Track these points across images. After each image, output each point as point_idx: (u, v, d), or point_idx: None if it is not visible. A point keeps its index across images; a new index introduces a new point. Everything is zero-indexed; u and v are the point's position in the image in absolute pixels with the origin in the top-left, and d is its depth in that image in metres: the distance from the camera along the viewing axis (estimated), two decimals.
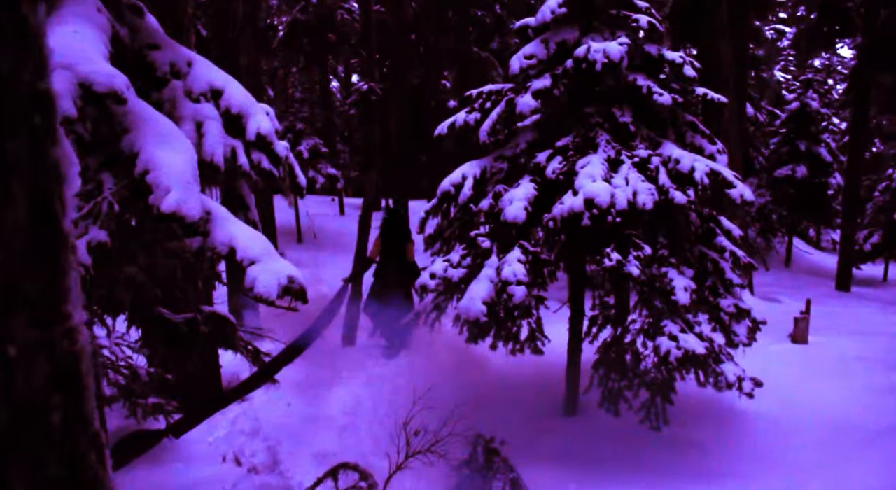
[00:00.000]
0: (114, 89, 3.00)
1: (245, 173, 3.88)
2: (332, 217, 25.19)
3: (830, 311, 16.79)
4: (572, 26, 7.16)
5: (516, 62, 6.99)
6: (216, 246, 3.37)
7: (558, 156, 6.78)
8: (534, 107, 6.75)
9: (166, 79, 3.79)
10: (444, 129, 7.50)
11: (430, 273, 6.77)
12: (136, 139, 3.21)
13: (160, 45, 3.81)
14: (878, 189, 24.80)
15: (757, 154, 26.54)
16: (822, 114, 25.17)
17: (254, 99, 4.06)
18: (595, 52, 6.51)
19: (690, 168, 6.55)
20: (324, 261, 19.42)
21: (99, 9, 3.42)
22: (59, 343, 1.11)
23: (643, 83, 6.76)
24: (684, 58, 6.97)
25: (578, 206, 6.20)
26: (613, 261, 6.17)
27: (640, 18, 6.93)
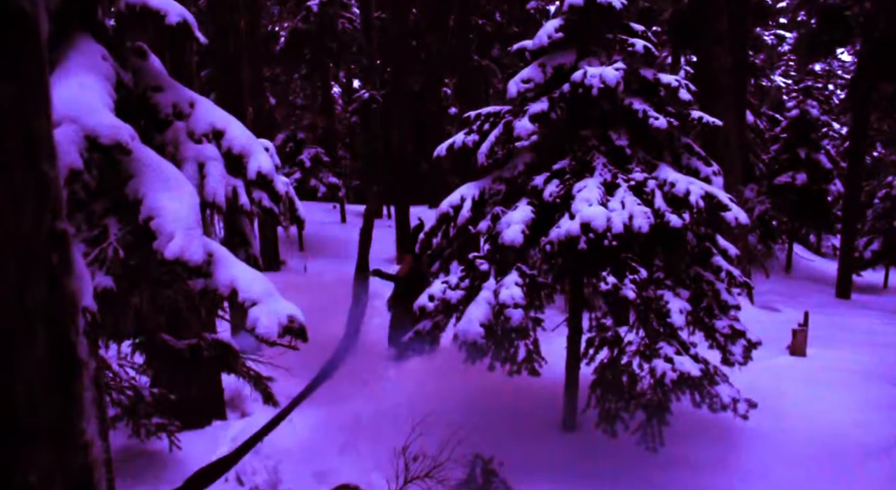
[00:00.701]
0: (118, 141, 3.10)
1: (246, 212, 3.99)
2: (333, 224, 25.31)
3: (830, 320, 16.85)
4: (569, 50, 7.26)
5: (514, 86, 7.09)
6: (218, 287, 3.47)
7: (555, 179, 6.87)
8: (531, 130, 6.85)
9: (169, 120, 3.89)
10: (442, 151, 7.60)
11: (429, 295, 6.87)
12: (141, 185, 3.31)
13: (163, 86, 3.92)
14: (878, 196, 24.86)
15: (757, 160, 26.60)
16: (822, 121, 25.23)
17: (254, 137, 4.16)
18: (591, 77, 6.61)
19: (686, 191, 6.64)
20: (326, 277, 19.52)
21: (104, 56, 3.52)
22: (74, 460, 1.21)
23: (639, 107, 6.85)
24: (679, 81, 7.06)
25: (575, 230, 6.29)
26: (609, 285, 6.26)
27: (635, 43, 7.02)
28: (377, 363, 10.25)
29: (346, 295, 14.75)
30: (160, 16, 3.76)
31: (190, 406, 7.28)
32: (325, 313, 17.05)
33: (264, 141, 4.56)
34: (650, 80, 6.98)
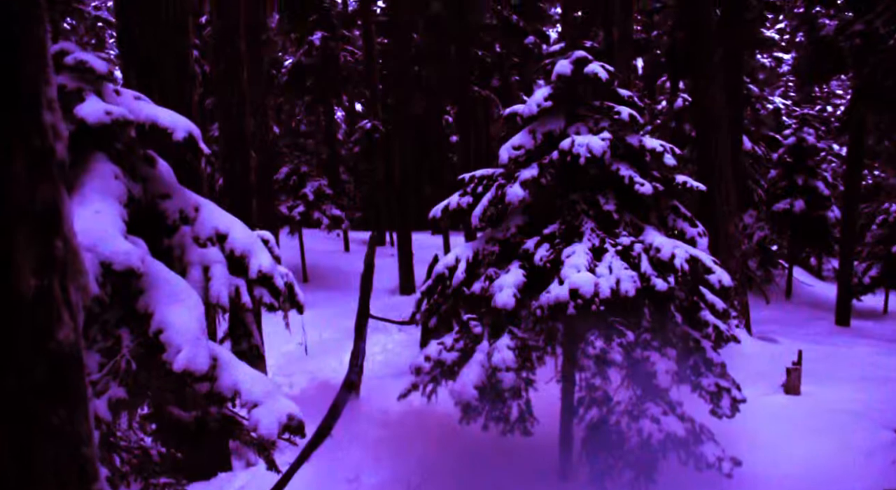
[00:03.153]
0: (130, 266, 3.39)
1: (248, 309, 4.28)
2: (337, 254, 25.61)
3: (828, 352, 17.02)
4: (558, 117, 7.56)
5: (505, 153, 7.39)
6: (223, 391, 3.74)
7: (546, 243, 7.16)
8: (522, 197, 7.14)
9: (176, 226, 4.18)
10: (437, 213, 7.90)
11: (425, 356, 7.14)
12: (150, 300, 3.60)
13: (170, 193, 4.21)
14: (875, 222, 25.08)
15: (756, 186, 26.86)
16: (819, 148, 25.52)
17: (256, 237, 4.45)
18: (579, 146, 6.90)
19: (671, 255, 6.91)
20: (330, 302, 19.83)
21: (116, 175, 3.82)
22: None
23: (625, 173, 7.14)
24: (664, 146, 7.36)
25: (564, 296, 6.56)
26: (597, 349, 6.52)
27: (621, 110, 7.32)
28: (378, 411, 10.48)
29: (348, 332, 15.00)
30: (168, 133, 4.07)
31: (196, 460, 7.54)
32: (329, 348, 17.28)
33: (265, 233, 4.85)
34: (636, 146, 7.27)
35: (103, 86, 4.00)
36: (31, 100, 1.29)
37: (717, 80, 17.55)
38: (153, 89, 7.85)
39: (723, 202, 17.52)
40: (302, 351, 16.62)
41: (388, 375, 14.22)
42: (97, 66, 3.91)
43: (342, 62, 23.74)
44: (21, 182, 1.24)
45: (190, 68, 8.12)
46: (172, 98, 7.90)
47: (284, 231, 22.19)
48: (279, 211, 21.13)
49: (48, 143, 1.32)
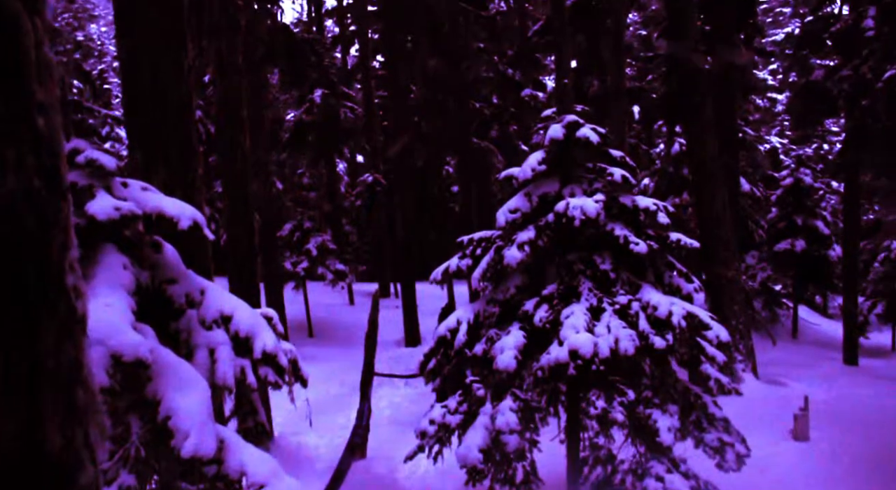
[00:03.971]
0: (139, 358, 3.54)
1: (253, 389, 4.40)
2: (341, 307, 25.71)
3: (838, 394, 16.94)
4: (552, 179, 7.77)
5: (502, 217, 7.58)
6: (229, 473, 3.85)
7: (545, 304, 7.29)
8: (520, 259, 7.30)
9: (182, 310, 4.34)
10: (437, 275, 8.06)
11: (430, 419, 7.21)
12: (159, 387, 3.73)
13: (176, 278, 4.38)
14: (877, 260, 25.16)
15: (756, 227, 27.03)
16: (816, 188, 25.78)
17: (260, 317, 4.61)
18: (573, 209, 7.09)
19: (668, 313, 7.03)
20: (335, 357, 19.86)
21: (125, 265, 4.00)
22: None
23: (620, 233, 7.31)
24: (657, 205, 7.53)
25: (563, 357, 6.66)
26: (599, 409, 6.59)
27: (614, 172, 7.53)
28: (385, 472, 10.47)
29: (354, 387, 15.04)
30: (174, 222, 4.26)
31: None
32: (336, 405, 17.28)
33: (268, 310, 5.01)
34: (629, 206, 7.45)
35: (112, 181, 4.21)
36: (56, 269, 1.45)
37: (710, 128, 17.86)
38: (159, 162, 8.12)
39: (722, 247, 17.66)
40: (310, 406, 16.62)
41: (396, 431, 14.20)
42: (106, 163, 4.13)
43: (342, 118, 24.23)
44: (49, 347, 1.40)
45: (193, 142, 8.39)
46: (177, 171, 8.16)
47: (289, 286, 22.35)
48: (283, 267, 21.32)
49: (72, 306, 1.48)
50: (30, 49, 1.40)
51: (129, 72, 8.55)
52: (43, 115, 1.45)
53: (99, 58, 41.22)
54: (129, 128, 8.57)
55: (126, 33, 8.55)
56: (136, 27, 8.44)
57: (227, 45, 12.24)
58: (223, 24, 11.93)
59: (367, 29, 30.30)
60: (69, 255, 1.52)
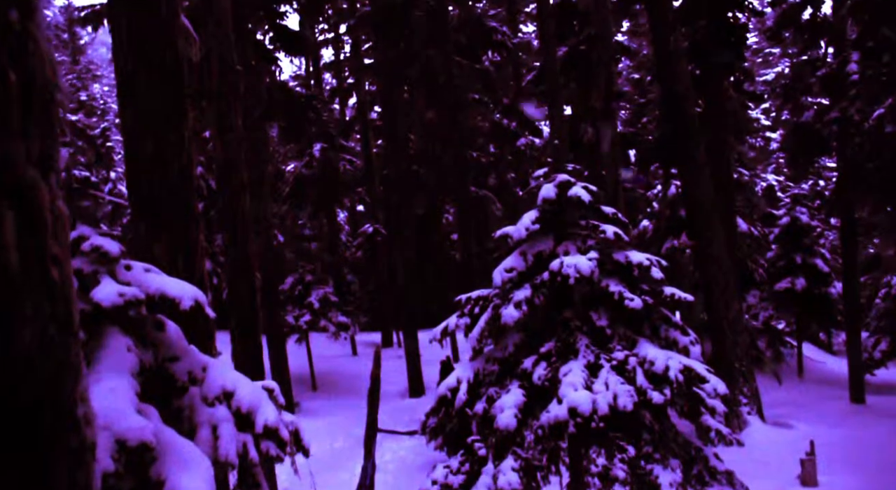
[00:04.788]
0: (144, 441, 3.64)
1: (256, 465, 4.48)
2: (344, 358, 25.70)
3: (845, 435, 16.83)
4: (546, 237, 7.93)
5: (498, 276, 7.72)
6: None
7: (543, 361, 7.38)
8: (517, 317, 7.42)
9: (185, 387, 4.46)
10: (437, 334, 8.15)
11: (432, 479, 7.23)
12: (162, 467, 3.83)
13: (179, 356, 4.51)
14: (879, 296, 25.19)
15: (756, 267, 27.12)
16: (813, 226, 25.96)
17: (261, 390, 4.71)
18: (567, 267, 7.22)
19: (665, 367, 7.11)
20: None
21: (129, 347, 4.13)
22: None
23: (615, 289, 7.43)
24: (651, 260, 7.68)
25: (563, 415, 6.73)
26: (599, 466, 6.62)
27: (606, 229, 7.69)
28: None
29: (359, 440, 14.97)
30: (176, 303, 4.40)
31: None
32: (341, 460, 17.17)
33: (269, 383, 5.11)
34: (623, 262, 7.59)
35: (116, 266, 4.36)
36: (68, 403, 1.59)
37: (705, 171, 18.12)
38: (161, 231, 8.30)
39: (721, 290, 17.76)
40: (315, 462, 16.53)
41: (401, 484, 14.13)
42: (110, 249, 4.29)
43: (342, 171, 24.63)
44: (61, 478, 1.52)
45: (194, 209, 8.58)
46: (179, 240, 8.33)
47: (292, 339, 22.40)
48: (286, 321, 21.40)
49: (83, 436, 1.61)
50: (46, 211, 1.55)
51: (131, 142, 8.78)
52: (57, 266, 1.59)
53: (101, 116, 41.92)
54: (132, 196, 8.77)
55: (128, 105, 8.81)
56: (139, 99, 8.70)
57: (227, 108, 12.55)
58: (223, 89, 12.26)
59: (365, 81, 30.95)
60: (79, 388, 1.65)
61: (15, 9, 1.46)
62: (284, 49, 21.61)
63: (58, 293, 1.57)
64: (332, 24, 31.26)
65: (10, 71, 1.49)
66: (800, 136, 21.66)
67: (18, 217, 1.49)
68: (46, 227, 1.55)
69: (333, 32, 33.02)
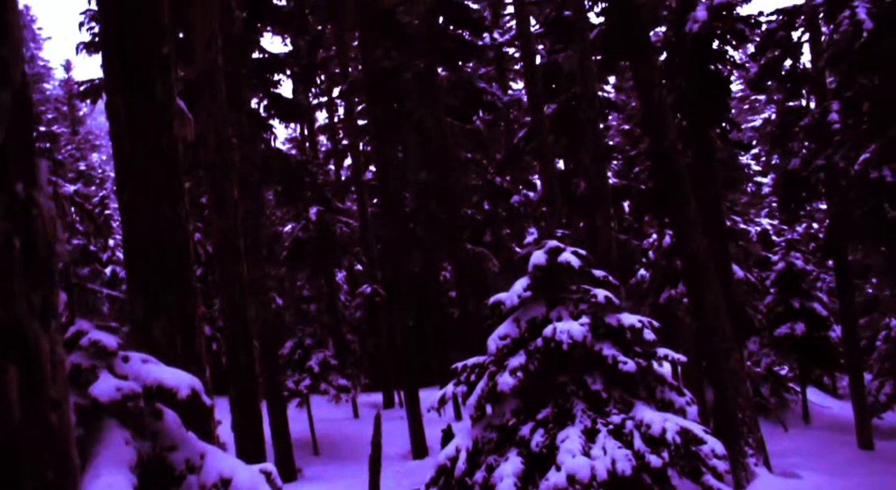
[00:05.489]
0: None
1: None
2: (346, 421, 25.48)
3: (855, 484, 16.62)
4: (539, 303, 8.05)
5: (493, 344, 7.82)
6: None
7: (540, 428, 7.41)
8: (513, 384, 7.48)
9: (183, 476, 4.51)
10: (435, 404, 8.19)
11: None
12: None
13: (177, 445, 4.58)
14: (879, 338, 25.19)
15: (754, 313, 27.15)
16: (808, 271, 26.11)
17: (259, 475, 4.76)
18: (560, 333, 7.32)
19: (662, 430, 7.14)
20: None
21: (126, 440, 4.20)
22: None
23: (608, 353, 7.52)
24: (643, 322, 7.78)
25: (562, 482, 6.74)
26: None
27: (597, 293, 7.82)
28: None
29: None
30: (173, 392, 4.49)
31: None
32: None
33: (267, 466, 5.16)
34: (615, 325, 7.69)
35: (113, 360, 4.47)
36: None
37: (696, 222, 18.31)
38: (159, 310, 8.41)
39: (720, 339, 17.76)
40: None
41: None
42: (108, 343, 4.40)
43: (338, 234, 24.88)
44: None
45: (192, 286, 8.70)
46: (177, 318, 8.43)
47: (293, 403, 22.26)
48: (286, 385, 21.32)
49: None
50: (46, 361, 1.68)
51: (129, 223, 8.95)
52: (56, 410, 1.72)
53: (100, 184, 42.48)
54: (129, 275, 8.90)
55: (126, 186, 9.01)
56: (136, 180, 8.91)
57: (223, 180, 12.80)
58: (218, 161, 12.54)
59: (359, 142, 31.49)
60: None
61: (21, 181, 1.62)
62: (279, 116, 22.10)
63: (56, 438, 1.69)
64: (326, 88, 31.97)
65: (15, 237, 1.64)
66: (789, 182, 21.98)
67: (21, 371, 1.62)
68: (47, 376, 1.68)
69: (327, 96, 33.75)
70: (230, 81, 16.22)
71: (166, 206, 8.75)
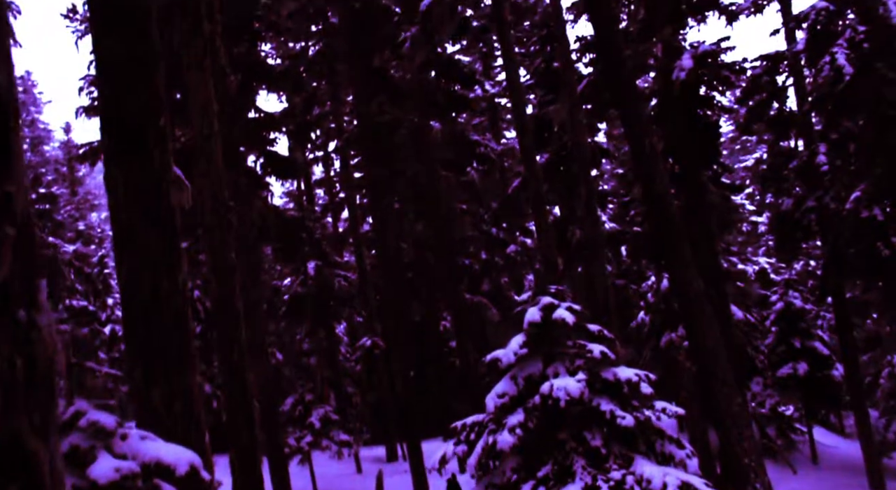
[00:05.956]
0: None
1: None
2: (348, 476, 25.15)
3: None
4: (535, 359, 8.10)
5: (491, 402, 7.85)
6: None
7: (541, 486, 7.38)
8: (512, 443, 7.49)
9: None
10: (435, 464, 8.18)
11: None
12: None
13: None
14: (882, 376, 25.07)
15: (756, 354, 27.06)
16: (807, 310, 26.12)
17: None
18: (557, 390, 7.36)
19: (662, 485, 7.13)
20: None
21: None
22: None
23: (606, 408, 7.54)
24: (639, 375, 7.82)
25: None
26: None
27: (593, 348, 7.88)
28: None
29: None
30: (171, 470, 4.53)
31: None
32: None
33: None
34: (612, 380, 7.73)
35: (112, 440, 4.52)
36: None
37: (691, 266, 18.39)
38: (158, 376, 8.44)
39: (721, 383, 17.67)
40: None
41: None
42: (107, 424, 4.46)
43: (337, 288, 24.97)
44: None
45: (191, 352, 8.75)
46: (176, 385, 8.47)
47: (294, 460, 22.03)
48: (287, 442, 21.13)
49: None
50: (45, 475, 1.77)
51: (127, 289, 9.04)
52: None
53: (99, 244, 42.70)
54: (128, 340, 8.96)
55: (125, 253, 9.12)
56: (134, 247, 9.03)
57: (220, 242, 12.90)
58: (216, 224, 12.66)
59: (356, 195, 31.79)
60: None
61: (23, 309, 1.72)
62: (275, 174, 22.38)
63: None
64: (322, 143, 32.42)
65: (18, 358, 1.74)
66: (782, 224, 22.16)
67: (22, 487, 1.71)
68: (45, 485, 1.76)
69: (323, 151, 34.18)
70: (226, 141, 16.50)
71: (164, 274, 8.86)
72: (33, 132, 45.12)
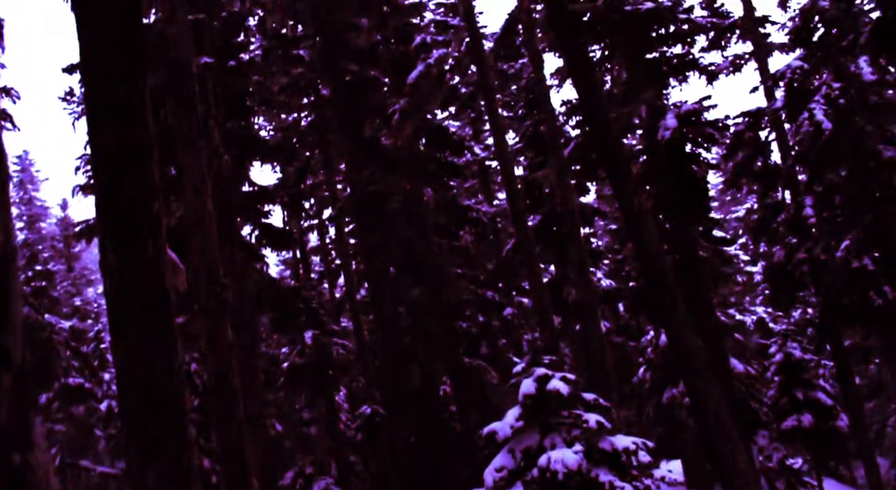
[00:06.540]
0: None
1: None
2: None
3: None
4: (532, 431, 8.10)
5: (489, 477, 7.81)
6: None
7: None
8: None
9: None
10: None
11: None
12: None
13: None
14: (889, 424, 24.83)
15: (760, 406, 26.81)
16: (807, 360, 26.00)
17: None
18: (555, 463, 7.35)
19: None
20: None
21: None
22: None
23: (605, 479, 7.52)
24: (637, 443, 7.82)
25: None
26: None
27: (589, 418, 7.90)
28: None
29: None
30: None
31: None
32: None
33: None
34: (609, 450, 7.72)
35: None
36: None
37: (686, 324, 18.39)
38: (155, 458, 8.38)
39: (724, 441, 17.47)
40: None
41: None
42: None
43: (335, 357, 24.89)
44: None
45: (188, 435, 8.71)
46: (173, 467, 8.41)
47: None
48: None
49: None
50: None
51: (122, 374, 9.05)
52: None
53: (96, 319, 42.60)
54: (124, 421, 8.93)
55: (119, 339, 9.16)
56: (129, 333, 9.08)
57: (216, 320, 12.98)
58: (211, 305, 12.77)
59: (351, 262, 31.95)
60: None
61: (18, 452, 1.82)
62: (270, 245, 22.59)
63: None
64: (316, 212, 32.78)
65: None
66: (775, 276, 22.32)
67: None
68: None
69: (317, 219, 34.52)
70: (221, 214, 16.72)
71: (159, 357, 8.90)
72: (30, 210, 45.51)
